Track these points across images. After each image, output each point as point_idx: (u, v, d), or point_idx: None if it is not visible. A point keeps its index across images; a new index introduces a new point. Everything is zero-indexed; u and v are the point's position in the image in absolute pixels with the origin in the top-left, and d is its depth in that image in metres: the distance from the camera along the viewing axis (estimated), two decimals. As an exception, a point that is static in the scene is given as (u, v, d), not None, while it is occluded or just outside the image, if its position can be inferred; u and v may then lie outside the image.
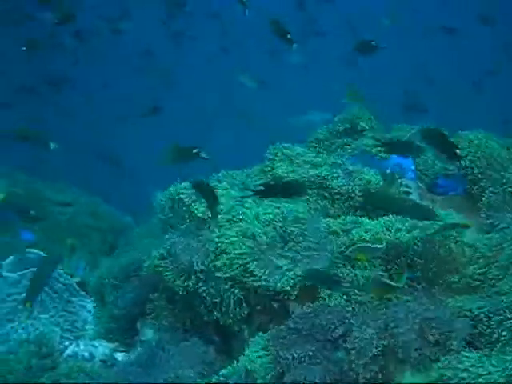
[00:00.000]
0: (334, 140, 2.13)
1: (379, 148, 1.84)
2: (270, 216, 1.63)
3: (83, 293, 2.24)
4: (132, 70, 9.01)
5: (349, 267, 1.59)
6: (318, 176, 1.78)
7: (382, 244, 1.54)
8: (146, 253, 1.95)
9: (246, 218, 1.62)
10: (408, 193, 1.79)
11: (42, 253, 2.23)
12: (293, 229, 1.59)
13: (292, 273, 1.52)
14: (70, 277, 2.24)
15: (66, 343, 1.94)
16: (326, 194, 1.80)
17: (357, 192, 1.81)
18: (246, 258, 1.54)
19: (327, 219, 1.72)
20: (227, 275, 1.57)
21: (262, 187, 1.56)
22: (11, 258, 2.21)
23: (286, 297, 1.54)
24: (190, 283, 1.64)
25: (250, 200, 1.76)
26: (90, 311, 2.22)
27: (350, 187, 1.80)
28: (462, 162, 1.82)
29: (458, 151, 1.65)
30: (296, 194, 1.62)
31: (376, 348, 1.26)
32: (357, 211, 1.82)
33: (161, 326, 1.74)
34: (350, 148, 1.98)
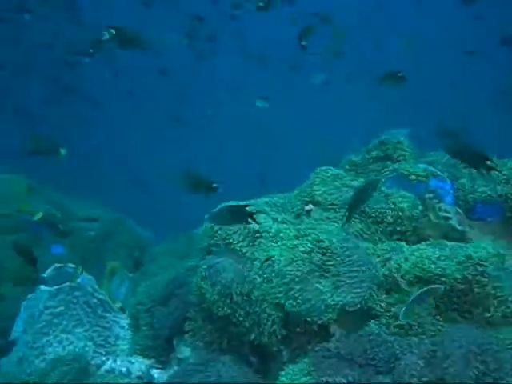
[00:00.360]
0: (368, 165, 2.14)
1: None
2: (308, 244, 1.64)
3: (117, 309, 2.27)
4: (150, 85, 9.19)
5: (387, 296, 1.59)
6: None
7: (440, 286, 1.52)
8: (183, 273, 1.97)
9: (285, 246, 1.64)
10: (447, 218, 1.79)
11: (78, 267, 2.27)
12: (333, 255, 1.60)
13: (332, 299, 1.53)
14: (104, 292, 2.28)
15: (103, 358, 1.96)
16: (363, 218, 1.82)
17: (389, 217, 1.82)
18: (287, 284, 1.55)
19: (365, 244, 1.73)
20: (268, 300, 1.58)
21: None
22: (48, 271, 2.25)
23: (326, 320, 1.54)
24: (229, 304, 1.65)
25: (287, 222, 1.79)
26: (122, 327, 2.24)
27: (384, 211, 1.82)
28: (501, 189, 1.82)
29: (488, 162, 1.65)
30: None
31: (422, 377, 1.26)
32: (392, 236, 1.83)
33: (198, 344, 1.75)
34: (387, 171, 1.99)
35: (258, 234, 1.66)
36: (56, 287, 2.13)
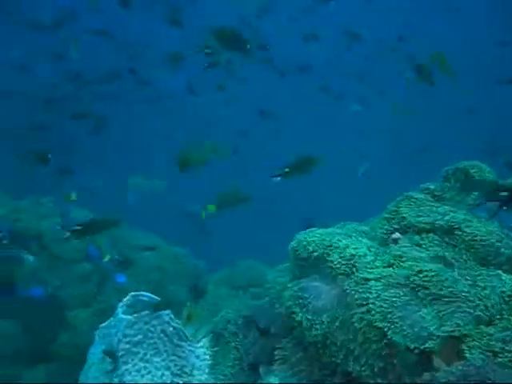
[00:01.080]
0: (447, 193, 2.10)
1: None
2: (404, 270, 1.61)
3: (191, 338, 2.27)
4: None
5: (489, 326, 1.53)
6: (449, 222, 1.76)
7: None
8: (269, 299, 1.96)
9: (381, 272, 1.61)
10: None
11: (153, 296, 2.29)
12: (431, 282, 1.56)
13: (435, 327, 1.48)
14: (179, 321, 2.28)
15: (187, 388, 1.94)
16: (454, 242, 1.77)
17: (481, 245, 1.77)
18: (386, 310, 1.51)
19: (460, 271, 1.68)
20: (364, 328, 1.55)
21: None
22: (125, 300, 2.26)
23: (427, 351, 1.49)
24: (320, 331, 1.62)
25: (377, 248, 1.76)
26: (198, 356, 2.22)
27: (477, 238, 1.77)
28: None
29: None
30: None
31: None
32: (484, 265, 1.77)
33: (286, 373, 1.72)
34: (473, 197, 1.95)
35: (352, 259, 1.63)
36: (135, 315, 2.15)
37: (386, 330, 1.50)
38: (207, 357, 2.21)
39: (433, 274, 1.58)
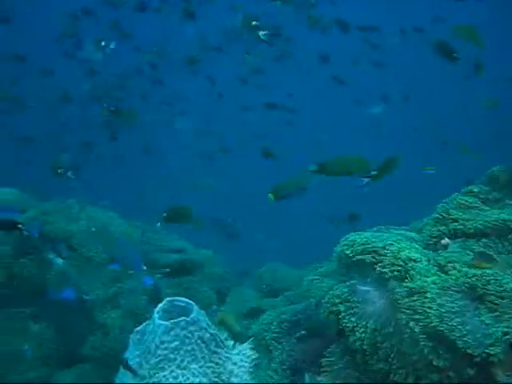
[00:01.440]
0: (493, 193, 2.02)
1: None
2: (459, 275, 1.54)
3: (228, 344, 2.22)
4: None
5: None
6: (502, 226, 1.69)
7: None
8: (309, 301, 1.90)
9: (436, 277, 1.54)
10: None
11: (190, 301, 2.24)
12: (489, 287, 1.49)
13: (498, 332, 1.41)
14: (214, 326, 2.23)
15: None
16: (508, 246, 1.69)
17: None
18: (444, 313, 1.45)
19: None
20: (420, 332, 1.48)
21: None
22: (161, 305, 2.23)
23: (488, 361, 1.42)
24: (365, 334, 1.56)
25: (428, 253, 1.69)
26: (235, 363, 2.18)
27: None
28: None
29: None
30: None
31: None
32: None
33: (334, 380, 1.65)
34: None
35: (407, 264, 1.57)
36: (172, 321, 2.10)
37: (445, 335, 1.43)
38: (245, 364, 2.16)
39: (489, 278, 1.51)
